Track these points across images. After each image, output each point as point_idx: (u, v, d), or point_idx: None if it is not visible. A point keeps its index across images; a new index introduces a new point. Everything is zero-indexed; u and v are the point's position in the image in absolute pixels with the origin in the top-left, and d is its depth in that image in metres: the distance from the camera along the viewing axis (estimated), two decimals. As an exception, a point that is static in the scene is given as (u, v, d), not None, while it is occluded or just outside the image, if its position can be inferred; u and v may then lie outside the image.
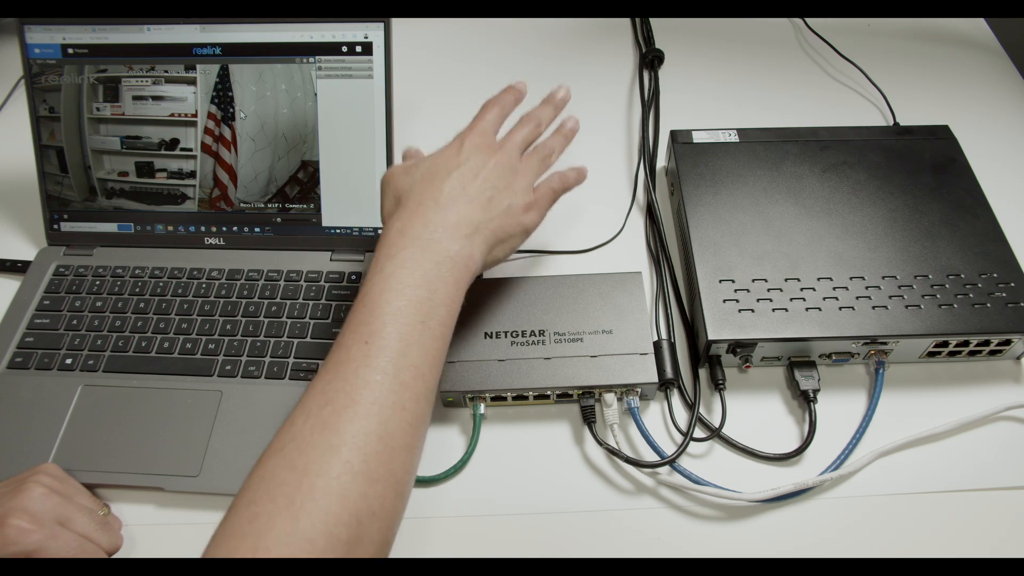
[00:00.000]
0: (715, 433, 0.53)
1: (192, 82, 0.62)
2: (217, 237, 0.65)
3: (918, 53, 0.82)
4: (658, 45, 0.82)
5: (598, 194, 0.70)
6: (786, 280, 0.55)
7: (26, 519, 0.45)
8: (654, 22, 0.85)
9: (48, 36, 0.61)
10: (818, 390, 0.54)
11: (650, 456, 0.53)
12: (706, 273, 0.56)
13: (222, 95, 0.62)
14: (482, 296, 0.57)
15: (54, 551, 0.45)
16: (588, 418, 0.53)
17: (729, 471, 0.52)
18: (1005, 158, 0.71)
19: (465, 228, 0.47)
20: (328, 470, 0.37)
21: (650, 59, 0.80)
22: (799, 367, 0.55)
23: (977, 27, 0.85)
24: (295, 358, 0.57)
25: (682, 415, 0.55)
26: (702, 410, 0.55)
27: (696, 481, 0.51)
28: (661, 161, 0.72)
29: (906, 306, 0.54)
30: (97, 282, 0.62)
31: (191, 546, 0.50)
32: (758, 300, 0.55)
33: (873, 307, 0.54)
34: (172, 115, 0.62)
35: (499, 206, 0.49)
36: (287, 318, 0.59)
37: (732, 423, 0.54)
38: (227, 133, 0.62)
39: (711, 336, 0.53)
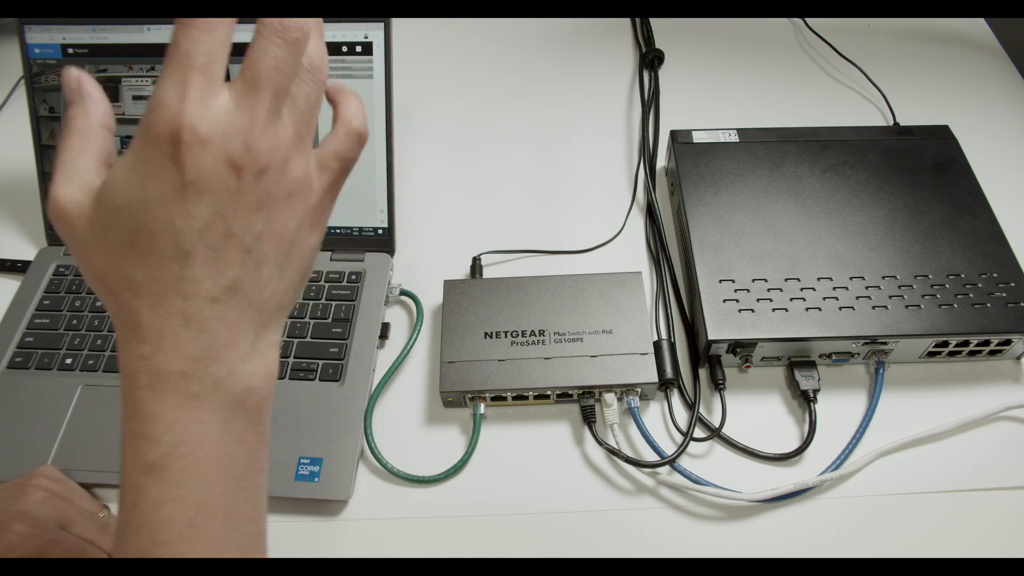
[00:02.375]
0: (715, 433, 0.53)
1: (192, 82, 0.61)
2: (217, 237, 0.64)
3: (918, 53, 0.82)
4: (658, 45, 0.82)
5: (598, 194, 0.70)
6: (786, 280, 0.55)
7: (28, 523, 0.44)
8: (654, 22, 0.85)
9: (48, 36, 0.61)
10: (818, 390, 0.54)
11: (650, 456, 0.53)
12: (706, 273, 0.56)
13: (222, 95, 0.62)
14: (482, 296, 0.57)
15: (56, 555, 0.44)
16: (588, 418, 0.53)
17: (729, 471, 0.52)
18: (1005, 158, 0.71)
19: (245, 334, 0.30)
20: None
21: (650, 59, 0.80)
22: (799, 367, 0.55)
23: (977, 27, 0.85)
24: (295, 358, 0.57)
25: (682, 415, 0.55)
26: (702, 410, 0.55)
27: (696, 481, 0.51)
28: (661, 161, 0.72)
29: (906, 306, 0.54)
30: (97, 282, 0.62)
31: (191, 546, 0.50)
32: (758, 300, 0.55)
33: (873, 307, 0.54)
34: (172, 115, 0.62)
35: (275, 258, 0.31)
36: (287, 318, 0.59)
37: (732, 423, 0.54)
38: (227, 133, 0.62)
39: (711, 336, 0.53)
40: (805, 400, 0.54)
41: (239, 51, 0.29)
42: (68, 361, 0.58)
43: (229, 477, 0.31)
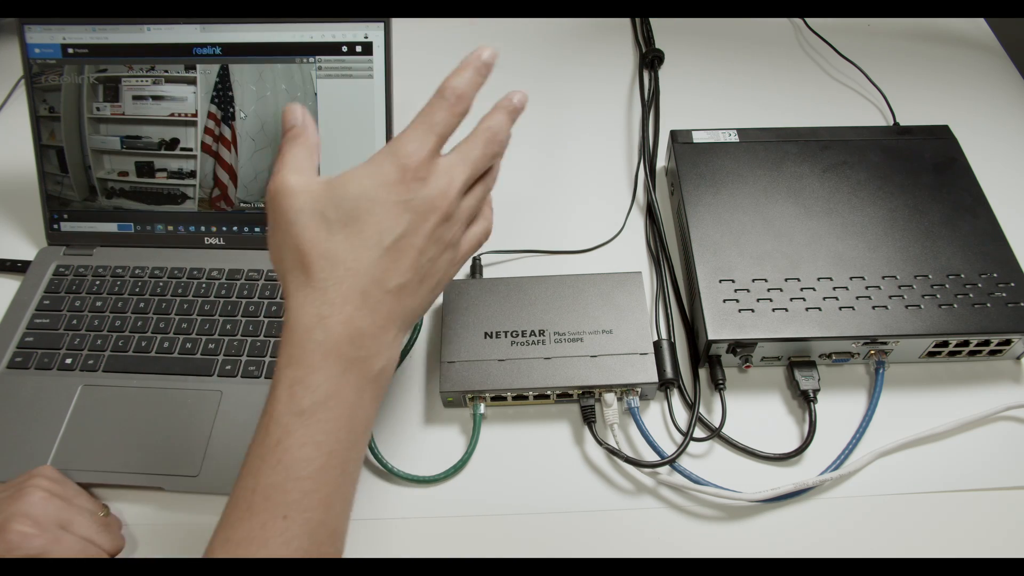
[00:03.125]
0: (715, 433, 0.53)
1: (192, 82, 0.62)
2: (217, 237, 0.64)
3: (918, 53, 0.82)
4: (658, 45, 0.82)
5: (598, 194, 0.70)
6: (786, 280, 0.55)
7: (28, 524, 0.44)
8: (654, 22, 0.85)
9: (48, 36, 0.61)
10: (818, 390, 0.54)
11: (650, 456, 0.53)
12: (706, 273, 0.56)
13: (222, 95, 0.62)
14: (482, 296, 0.57)
15: (57, 555, 0.44)
16: (588, 418, 0.53)
17: (729, 471, 0.52)
18: (1005, 158, 0.71)
19: (394, 328, 0.39)
20: None
21: (650, 59, 0.80)
22: (799, 367, 0.55)
23: (977, 27, 0.85)
24: (295, 358, 0.57)
25: (682, 415, 0.55)
26: (702, 410, 0.55)
27: (696, 481, 0.51)
28: (661, 161, 0.72)
29: (906, 306, 0.54)
30: (97, 282, 0.62)
31: (191, 546, 0.50)
32: (758, 300, 0.55)
33: (873, 307, 0.54)
34: (172, 115, 0.62)
35: (431, 281, 0.40)
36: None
37: (732, 423, 0.54)
38: (227, 133, 0.62)
39: (711, 336, 0.53)
40: (805, 400, 0.54)
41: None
42: (68, 361, 0.58)
43: (353, 436, 0.37)
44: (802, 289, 0.55)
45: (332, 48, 0.60)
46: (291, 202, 0.37)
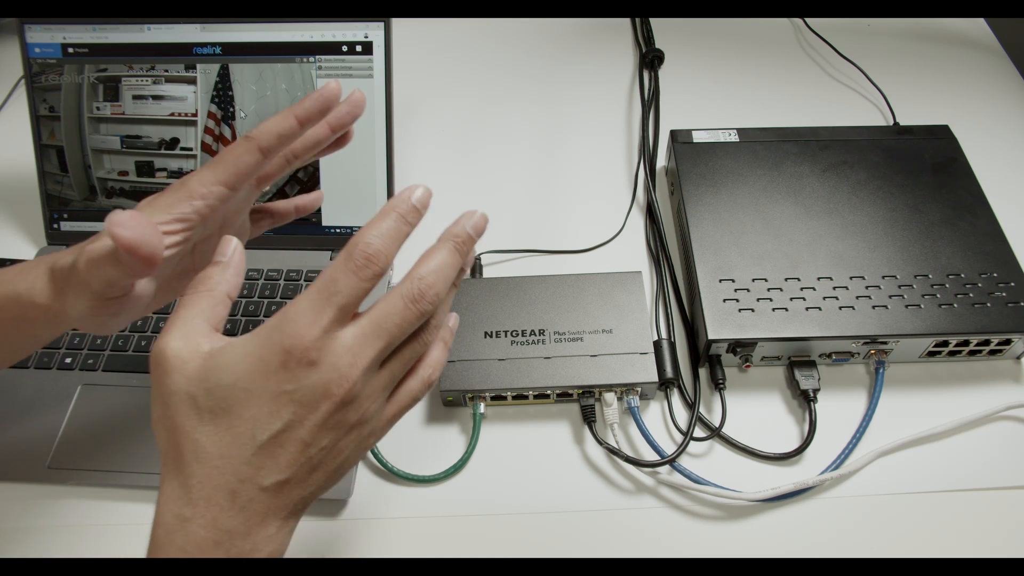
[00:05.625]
0: (715, 433, 0.53)
1: (192, 81, 0.62)
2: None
3: (918, 53, 0.82)
4: (658, 45, 0.82)
5: (598, 194, 0.70)
6: (786, 280, 0.55)
7: None
8: (654, 22, 0.85)
9: (48, 36, 0.61)
10: (818, 390, 0.54)
11: (650, 456, 0.52)
12: (706, 273, 0.56)
13: (222, 94, 0.62)
14: (482, 296, 0.57)
15: None
16: (588, 417, 0.53)
17: (729, 471, 0.52)
18: (1005, 158, 0.71)
19: (276, 521, 0.33)
20: None
21: (650, 59, 0.80)
22: (799, 367, 0.55)
23: (977, 27, 0.85)
24: (295, 358, 0.57)
25: (682, 415, 0.55)
26: (702, 410, 0.55)
27: (696, 481, 0.51)
28: (661, 161, 0.72)
29: (906, 306, 0.54)
30: (97, 282, 0.62)
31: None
32: (758, 300, 0.55)
33: (873, 307, 0.54)
34: (172, 114, 0.62)
35: (329, 466, 0.34)
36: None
37: (732, 423, 0.54)
38: (227, 132, 0.62)
39: (711, 335, 0.53)
40: (805, 400, 0.54)
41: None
42: (67, 360, 0.58)
43: None
44: (802, 289, 0.55)
45: (332, 48, 0.60)
46: (163, 379, 0.32)
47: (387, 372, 0.34)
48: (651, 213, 0.67)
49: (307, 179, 0.63)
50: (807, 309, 0.54)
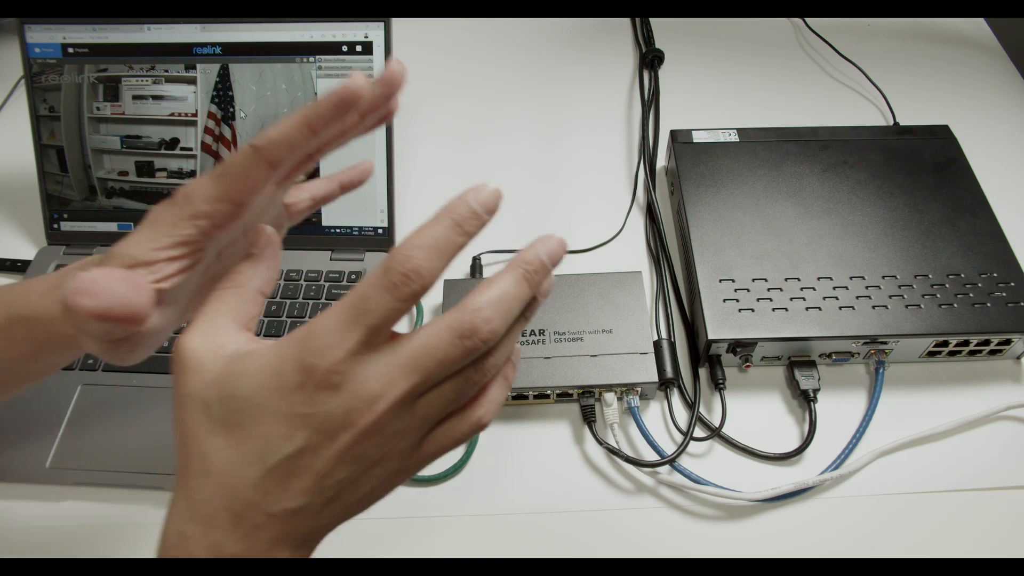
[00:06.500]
0: (715, 433, 0.53)
1: (192, 81, 0.62)
2: (217, 237, 0.64)
3: (918, 53, 0.82)
4: (658, 45, 0.82)
5: (598, 194, 0.70)
6: (786, 280, 0.55)
7: None
8: (654, 22, 0.85)
9: (48, 36, 0.61)
10: (818, 390, 0.54)
11: (650, 455, 0.52)
12: (706, 273, 0.56)
13: (222, 94, 0.62)
14: (482, 296, 0.57)
15: None
16: (588, 417, 0.53)
17: (729, 471, 0.52)
18: (1005, 158, 0.71)
19: (286, 549, 0.30)
20: None
21: (650, 59, 0.80)
22: (799, 367, 0.55)
23: (977, 27, 0.85)
24: (295, 358, 0.57)
25: (682, 414, 0.55)
26: (702, 410, 0.55)
27: (696, 480, 0.51)
28: (661, 161, 0.72)
29: (906, 306, 0.54)
30: (97, 282, 0.62)
31: (191, 546, 0.50)
32: (758, 300, 0.55)
33: (873, 307, 0.54)
34: (172, 114, 0.62)
35: (348, 499, 0.31)
36: (287, 317, 0.59)
37: (732, 423, 0.54)
38: (227, 132, 0.62)
39: (711, 335, 0.53)
40: (805, 400, 0.54)
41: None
42: (68, 361, 0.58)
43: None
44: (802, 289, 0.55)
45: (332, 48, 0.60)
46: (180, 379, 0.30)
47: (423, 410, 0.29)
48: (651, 213, 0.67)
49: (307, 179, 0.63)
50: (807, 309, 0.54)
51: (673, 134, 0.66)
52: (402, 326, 0.61)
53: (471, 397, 0.31)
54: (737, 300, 0.55)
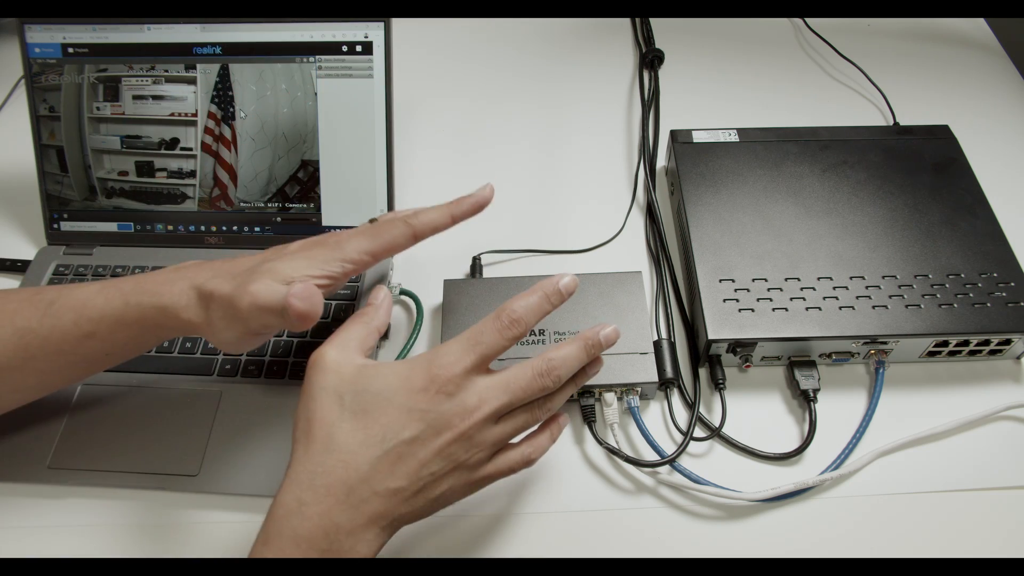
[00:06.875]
0: (715, 433, 0.53)
1: (192, 81, 0.62)
2: (217, 236, 0.64)
3: (918, 53, 0.82)
4: (658, 45, 0.82)
5: (598, 194, 0.70)
6: (786, 280, 0.55)
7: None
8: (654, 22, 0.85)
9: (48, 36, 0.61)
10: (818, 390, 0.54)
11: (650, 455, 0.52)
12: (706, 273, 0.56)
13: (222, 94, 0.62)
14: (482, 296, 0.57)
15: None
16: (588, 417, 0.53)
17: (729, 471, 0.52)
18: (1005, 158, 0.71)
19: (376, 528, 0.37)
20: None
21: (650, 59, 0.80)
22: (799, 367, 0.55)
23: (977, 27, 0.85)
24: (295, 357, 0.57)
25: (682, 415, 0.55)
26: (702, 410, 0.55)
27: (696, 480, 0.51)
28: (661, 161, 0.72)
29: (906, 306, 0.54)
30: (97, 282, 0.62)
31: (191, 546, 0.50)
32: (758, 300, 0.55)
33: (873, 307, 0.54)
34: (172, 114, 0.62)
35: (430, 494, 0.39)
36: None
37: (732, 423, 0.54)
38: (227, 132, 0.62)
39: (711, 335, 0.53)
40: (805, 400, 0.54)
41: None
42: (68, 361, 0.58)
43: None
44: (802, 289, 0.55)
45: (332, 48, 0.60)
46: (318, 377, 0.39)
47: (500, 429, 0.40)
48: (651, 213, 0.67)
49: (307, 179, 0.63)
50: (807, 309, 0.54)
51: (673, 134, 0.66)
52: (402, 329, 0.61)
53: (525, 438, 0.42)
54: (737, 300, 0.55)
